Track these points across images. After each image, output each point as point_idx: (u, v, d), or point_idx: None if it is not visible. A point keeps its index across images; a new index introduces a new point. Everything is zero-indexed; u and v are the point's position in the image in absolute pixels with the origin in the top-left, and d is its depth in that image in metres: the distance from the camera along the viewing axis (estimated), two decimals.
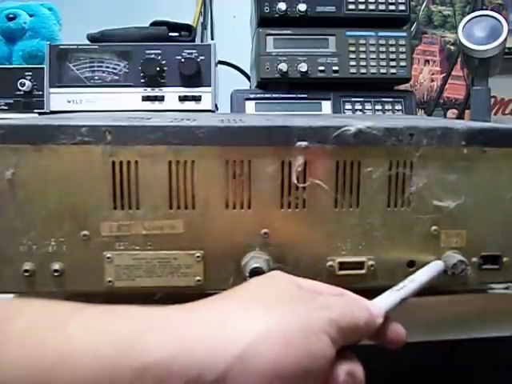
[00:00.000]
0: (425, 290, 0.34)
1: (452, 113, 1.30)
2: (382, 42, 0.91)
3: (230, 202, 0.36)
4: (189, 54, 0.91)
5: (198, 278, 0.37)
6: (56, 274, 0.36)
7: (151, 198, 0.36)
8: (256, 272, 0.35)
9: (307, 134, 0.36)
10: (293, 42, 0.90)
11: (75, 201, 0.35)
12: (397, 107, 0.93)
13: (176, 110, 0.91)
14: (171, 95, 0.92)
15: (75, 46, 0.92)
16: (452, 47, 1.30)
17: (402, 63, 0.91)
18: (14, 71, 0.97)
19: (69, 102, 0.91)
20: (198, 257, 0.37)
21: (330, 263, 0.38)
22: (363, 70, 0.91)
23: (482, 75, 0.84)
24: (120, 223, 0.36)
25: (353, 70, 0.90)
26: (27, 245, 0.36)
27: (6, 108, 0.96)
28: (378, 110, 0.92)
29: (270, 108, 0.92)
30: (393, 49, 0.91)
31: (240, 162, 0.36)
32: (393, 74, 0.91)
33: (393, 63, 0.91)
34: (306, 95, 0.93)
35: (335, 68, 0.90)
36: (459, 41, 0.82)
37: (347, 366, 0.27)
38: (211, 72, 0.91)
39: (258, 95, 0.93)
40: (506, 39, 0.80)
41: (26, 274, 0.36)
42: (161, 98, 0.91)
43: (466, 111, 1.08)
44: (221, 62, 1.04)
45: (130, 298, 0.28)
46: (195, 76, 0.91)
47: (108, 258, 0.36)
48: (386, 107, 0.93)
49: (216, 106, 0.94)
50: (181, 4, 1.25)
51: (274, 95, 0.93)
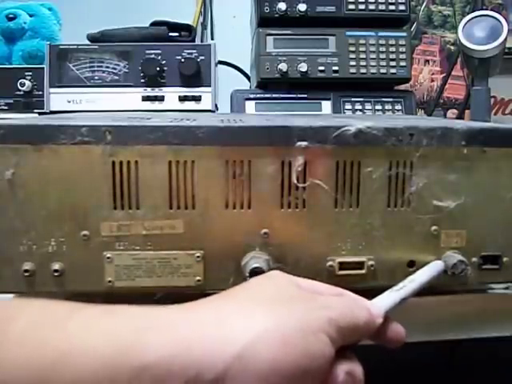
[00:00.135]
0: (425, 290, 0.34)
1: (452, 113, 1.30)
2: (382, 42, 0.91)
3: (230, 202, 0.36)
4: (189, 53, 0.91)
5: (198, 277, 0.37)
6: (56, 273, 0.36)
7: (151, 197, 0.36)
8: (256, 272, 0.35)
9: (307, 134, 0.36)
10: (293, 41, 0.90)
11: (75, 201, 0.35)
12: (397, 107, 0.93)
13: (176, 110, 0.91)
14: (171, 95, 0.92)
15: (75, 46, 0.92)
16: (452, 47, 1.30)
17: (402, 63, 0.91)
18: (13, 71, 0.97)
19: (69, 102, 0.91)
20: (198, 257, 0.37)
21: (330, 263, 0.38)
22: (363, 70, 0.91)
23: (482, 75, 0.84)
24: (120, 223, 0.36)
25: (353, 70, 0.90)
26: (27, 245, 0.36)
27: (5, 108, 0.96)
28: (378, 110, 0.92)
29: (270, 108, 0.92)
30: (393, 49, 0.91)
31: (240, 162, 0.36)
32: (393, 73, 0.91)
33: (393, 63, 0.91)
34: (306, 95, 0.93)
35: (335, 68, 0.90)
36: (459, 41, 0.82)
37: (347, 365, 0.27)
38: (211, 72, 0.91)
39: (258, 95, 0.93)
40: (506, 39, 0.80)
41: (26, 274, 0.36)
42: (161, 98, 0.91)
43: (466, 111, 1.08)
44: (221, 62, 1.04)
45: (130, 297, 0.28)
46: (195, 76, 0.91)
47: (108, 258, 0.36)
48: (386, 107, 0.93)
49: (216, 106, 0.94)
50: (181, 4, 1.25)
51: (274, 95, 0.93)
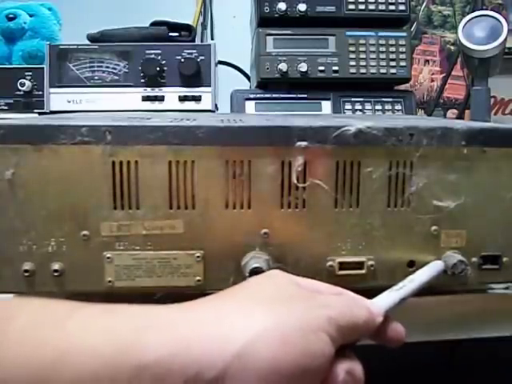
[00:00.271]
0: (425, 290, 0.34)
1: (452, 113, 1.30)
2: (382, 42, 0.91)
3: (230, 202, 0.36)
4: (189, 53, 0.91)
5: (198, 277, 0.37)
6: (56, 274, 0.36)
7: (151, 197, 0.36)
8: (256, 272, 0.35)
9: (307, 134, 0.36)
10: (293, 41, 0.90)
11: (75, 201, 0.35)
12: (397, 107, 0.93)
13: (176, 110, 0.91)
14: (171, 95, 0.92)
15: (75, 46, 0.92)
16: (452, 47, 1.30)
17: (402, 63, 0.91)
18: (13, 71, 0.97)
19: (69, 102, 0.91)
20: (198, 257, 0.37)
21: (329, 263, 0.38)
22: (363, 70, 0.91)
23: (482, 75, 0.84)
24: (120, 223, 0.36)
25: (353, 70, 0.90)
26: (27, 245, 0.36)
27: (5, 108, 0.96)
28: (378, 110, 0.92)
29: (270, 108, 0.92)
30: (393, 49, 0.91)
31: (240, 162, 0.36)
32: (393, 74, 0.91)
33: (393, 63, 0.91)
34: (305, 95, 0.93)
35: (335, 68, 0.90)
36: (459, 41, 0.82)
37: (347, 364, 0.27)
38: (211, 72, 0.91)
39: (258, 95, 0.93)
40: (506, 39, 0.80)
41: (26, 274, 0.36)
42: (161, 98, 0.91)
43: (466, 111, 1.08)
44: (221, 62, 1.04)
45: (130, 297, 0.28)
46: (195, 76, 0.91)
47: (108, 258, 0.36)
48: (386, 107, 0.93)
49: (216, 106, 0.94)
50: (181, 4, 1.25)
51: (274, 95, 0.93)
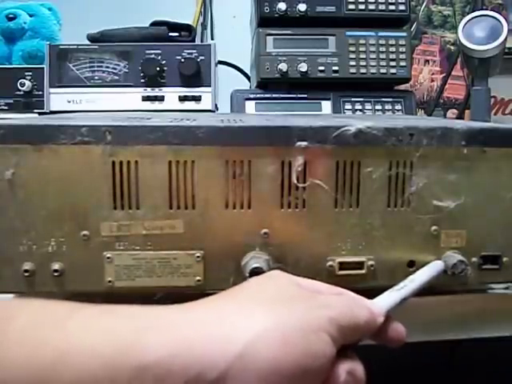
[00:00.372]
0: (425, 290, 0.34)
1: (452, 113, 1.30)
2: (382, 42, 0.91)
3: (230, 202, 0.36)
4: (189, 53, 0.91)
5: (198, 278, 0.37)
6: (56, 274, 0.36)
7: (151, 197, 0.36)
8: (256, 272, 0.35)
9: (307, 134, 0.36)
10: (293, 41, 0.90)
11: (75, 201, 0.35)
12: (397, 107, 0.93)
13: (176, 110, 0.91)
14: (171, 95, 0.92)
15: (75, 46, 0.92)
16: (452, 47, 1.30)
17: (402, 63, 0.91)
18: (14, 71, 0.97)
19: (69, 102, 0.91)
20: (198, 257, 0.37)
21: (330, 263, 0.38)
22: (363, 70, 0.91)
23: (482, 75, 0.84)
24: (120, 223, 0.36)
25: (353, 70, 0.90)
26: (27, 245, 0.36)
27: (5, 108, 0.96)
28: (378, 110, 0.92)
29: (270, 108, 0.92)
30: (393, 49, 0.91)
31: (240, 162, 0.36)
32: (393, 74, 0.91)
33: (393, 63, 0.91)
34: (305, 95, 0.93)
35: (335, 68, 0.90)
36: (459, 41, 0.82)
37: (348, 365, 0.27)
38: (211, 72, 0.91)
39: (258, 95, 0.93)
40: (506, 39, 0.80)
41: (26, 274, 0.36)
42: (161, 98, 0.91)
43: (466, 111, 1.08)
44: (221, 62, 1.04)
45: (130, 298, 0.28)
46: (195, 76, 0.91)
47: (108, 257, 0.36)
48: (386, 107, 0.93)
49: (216, 106, 0.94)
50: (181, 4, 1.25)
51: (274, 95, 0.93)
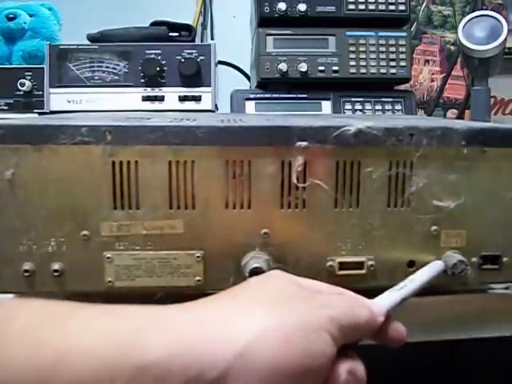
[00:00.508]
0: (425, 290, 0.34)
1: (452, 113, 1.30)
2: (382, 42, 0.91)
3: (230, 201, 0.36)
4: (189, 53, 0.91)
5: (197, 278, 0.37)
6: (56, 273, 0.36)
7: (151, 197, 0.36)
8: (256, 272, 0.35)
9: (307, 134, 0.36)
10: (293, 41, 0.90)
11: (75, 201, 0.35)
12: (397, 107, 0.93)
13: (176, 110, 0.91)
14: (171, 95, 0.92)
15: (75, 46, 0.92)
16: (452, 47, 1.30)
17: (402, 63, 0.91)
18: (14, 71, 0.97)
19: (69, 102, 0.91)
20: (198, 257, 0.37)
21: (330, 263, 0.38)
22: (363, 70, 0.91)
23: (482, 75, 0.84)
24: (120, 223, 0.36)
25: (353, 70, 0.90)
26: (27, 245, 0.36)
27: (6, 108, 0.96)
28: (378, 110, 0.92)
29: (270, 108, 0.92)
30: (393, 49, 0.91)
31: (240, 162, 0.36)
32: (393, 74, 0.91)
33: (393, 63, 0.91)
34: (306, 95, 0.93)
35: (335, 68, 0.90)
36: (459, 41, 0.82)
37: (348, 364, 0.27)
38: (211, 72, 0.91)
39: (258, 95, 0.93)
40: (506, 39, 0.80)
41: (26, 274, 0.36)
42: (161, 98, 0.91)
43: (466, 111, 1.08)
44: (221, 62, 1.04)
45: (130, 298, 0.28)
46: (195, 76, 0.91)
47: (108, 257, 0.36)
48: (386, 107, 0.93)
49: (216, 106, 0.94)
50: (181, 4, 1.25)
51: (274, 95, 0.93)
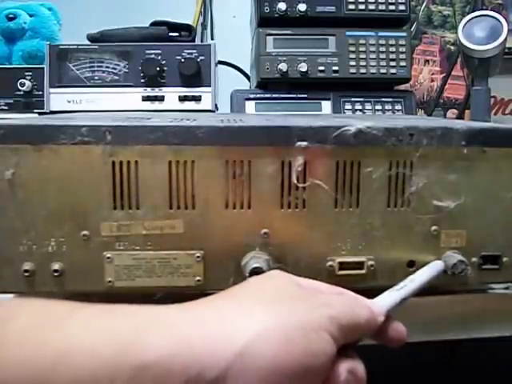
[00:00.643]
0: (425, 290, 0.34)
1: (452, 113, 1.30)
2: (382, 42, 0.91)
3: (230, 201, 0.36)
4: (189, 53, 0.91)
5: (197, 277, 0.37)
6: (56, 274, 0.36)
7: (151, 197, 0.36)
8: (256, 272, 0.35)
9: (307, 133, 0.36)
10: (293, 41, 0.90)
11: (75, 201, 0.35)
12: (397, 107, 0.93)
13: (176, 110, 0.91)
14: (171, 95, 0.92)
15: (75, 46, 0.92)
16: (452, 47, 1.30)
17: (402, 63, 0.91)
18: (13, 71, 0.97)
19: (69, 102, 0.91)
20: (198, 257, 0.37)
21: (330, 263, 0.38)
22: (363, 70, 0.91)
23: (482, 75, 0.84)
24: (120, 223, 0.36)
25: (353, 70, 0.90)
26: (27, 245, 0.36)
27: (6, 108, 0.96)
28: (378, 110, 0.92)
29: (270, 108, 0.92)
30: (393, 49, 0.91)
31: (240, 162, 0.36)
32: (393, 74, 0.91)
33: (393, 63, 0.91)
34: (306, 95, 0.93)
35: (335, 68, 0.90)
36: (459, 41, 0.82)
37: (349, 364, 0.27)
38: (211, 72, 0.91)
39: (258, 95, 0.93)
40: (506, 39, 0.80)
41: (26, 274, 0.36)
42: (161, 98, 0.91)
43: (466, 111, 1.08)
44: (221, 62, 1.04)
45: (130, 298, 0.28)
46: (195, 76, 0.91)
47: (108, 257, 0.36)
48: (386, 107, 0.93)
49: (216, 106, 0.94)
50: (181, 4, 1.25)
51: (274, 95, 0.93)
